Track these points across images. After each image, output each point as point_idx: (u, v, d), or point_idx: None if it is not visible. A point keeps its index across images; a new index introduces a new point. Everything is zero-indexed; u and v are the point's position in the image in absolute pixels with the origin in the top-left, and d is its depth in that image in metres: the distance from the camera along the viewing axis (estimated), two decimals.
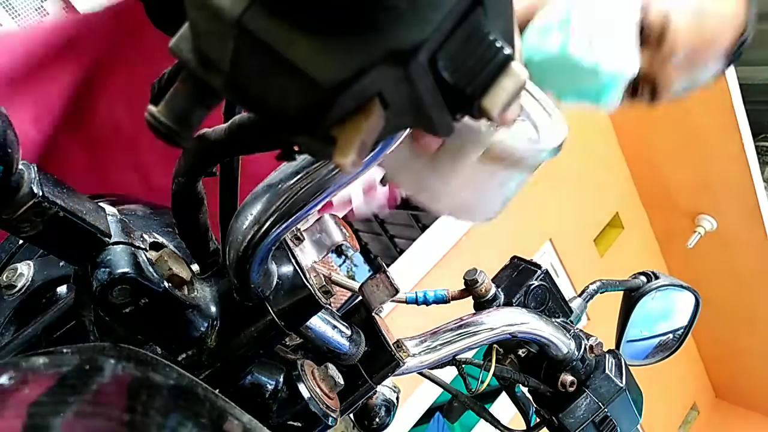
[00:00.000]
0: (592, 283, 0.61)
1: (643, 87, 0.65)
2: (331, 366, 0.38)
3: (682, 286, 0.65)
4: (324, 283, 0.34)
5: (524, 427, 0.55)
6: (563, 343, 0.48)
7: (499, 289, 0.51)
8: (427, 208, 0.33)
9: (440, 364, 0.44)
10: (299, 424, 0.34)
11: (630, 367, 0.54)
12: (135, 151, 0.61)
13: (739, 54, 0.68)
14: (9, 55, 0.55)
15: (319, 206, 0.27)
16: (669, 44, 0.60)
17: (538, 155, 0.31)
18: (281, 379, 0.35)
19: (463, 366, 0.49)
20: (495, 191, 0.32)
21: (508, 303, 0.51)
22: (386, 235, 3.14)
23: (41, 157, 0.58)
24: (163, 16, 0.20)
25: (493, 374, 0.50)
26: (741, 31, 0.66)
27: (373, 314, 0.40)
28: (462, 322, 0.44)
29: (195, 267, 0.33)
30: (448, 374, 0.68)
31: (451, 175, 0.31)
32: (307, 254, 0.35)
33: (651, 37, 0.60)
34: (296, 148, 0.19)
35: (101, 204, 0.29)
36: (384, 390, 0.46)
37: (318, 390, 0.35)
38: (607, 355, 0.53)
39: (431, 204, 0.32)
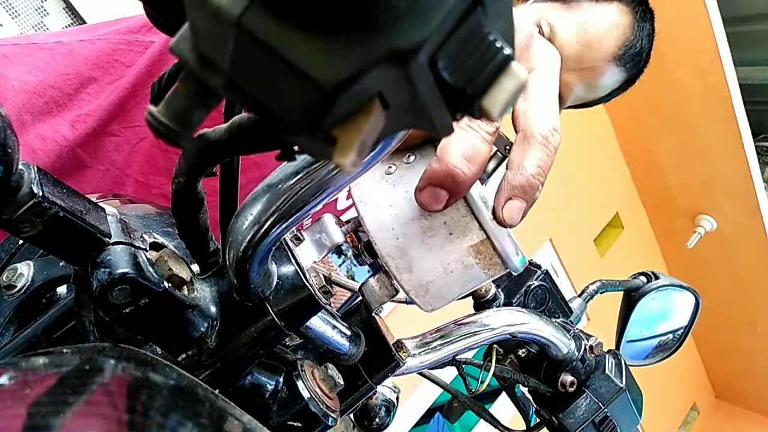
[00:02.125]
0: (592, 283, 0.61)
1: None
2: (331, 366, 0.38)
3: (682, 286, 0.65)
4: (324, 283, 0.34)
5: (524, 427, 0.55)
6: (563, 343, 0.48)
7: (499, 290, 0.51)
8: (389, 272, 0.33)
9: (440, 364, 0.44)
10: (299, 425, 0.34)
11: (630, 367, 0.54)
12: (170, 158, 0.67)
13: (635, 59, 0.73)
14: (51, 69, 0.64)
15: (319, 206, 0.27)
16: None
17: (509, 263, 0.32)
18: (281, 379, 0.35)
19: (463, 366, 0.49)
20: (458, 284, 0.33)
21: (508, 303, 0.51)
22: None
23: (72, 150, 0.64)
24: (162, 17, 0.20)
25: (493, 374, 0.50)
26: (625, 38, 0.71)
27: (373, 314, 0.40)
28: (462, 323, 0.44)
29: (195, 267, 0.33)
30: (448, 374, 0.68)
31: (437, 253, 0.31)
32: (307, 254, 0.35)
33: None
34: (296, 148, 0.19)
35: (101, 204, 0.29)
36: (384, 390, 0.46)
37: (318, 390, 0.35)
38: (607, 355, 0.53)
39: (398, 272, 0.32)
